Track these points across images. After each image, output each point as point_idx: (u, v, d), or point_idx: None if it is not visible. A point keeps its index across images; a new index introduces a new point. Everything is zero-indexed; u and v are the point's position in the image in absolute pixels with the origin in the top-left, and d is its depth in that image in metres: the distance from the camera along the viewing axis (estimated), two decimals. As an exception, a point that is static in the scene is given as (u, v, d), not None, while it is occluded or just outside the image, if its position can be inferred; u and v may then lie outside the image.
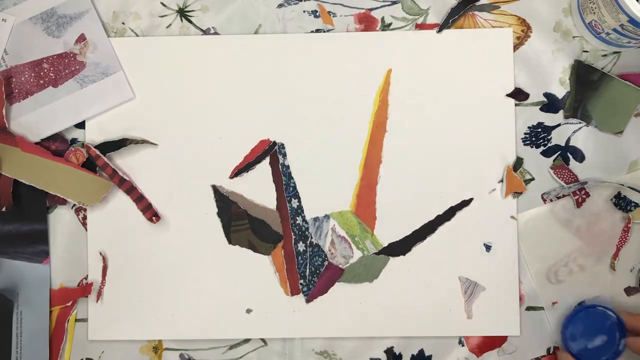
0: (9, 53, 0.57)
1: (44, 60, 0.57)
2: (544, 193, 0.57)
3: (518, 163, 0.57)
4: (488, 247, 0.57)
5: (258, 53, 0.58)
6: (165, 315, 0.57)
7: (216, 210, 0.58)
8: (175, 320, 0.57)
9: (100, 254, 0.58)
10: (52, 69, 0.57)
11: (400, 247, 0.57)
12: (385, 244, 0.57)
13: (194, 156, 0.58)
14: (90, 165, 0.57)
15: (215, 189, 0.58)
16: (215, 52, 0.58)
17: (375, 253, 0.57)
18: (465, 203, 0.57)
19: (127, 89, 0.58)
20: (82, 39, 0.57)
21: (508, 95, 0.57)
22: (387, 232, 0.57)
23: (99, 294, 0.58)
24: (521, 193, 0.57)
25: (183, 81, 0.58)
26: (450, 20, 0.57)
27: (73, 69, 0.57)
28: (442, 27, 0.57)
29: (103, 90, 0.57)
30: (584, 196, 0.57)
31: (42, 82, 0.57)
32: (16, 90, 0.57)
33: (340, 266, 0.57)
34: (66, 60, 0.57)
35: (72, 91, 0.57)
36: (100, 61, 0.57)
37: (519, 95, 0.57)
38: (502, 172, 0.57)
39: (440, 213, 0.57)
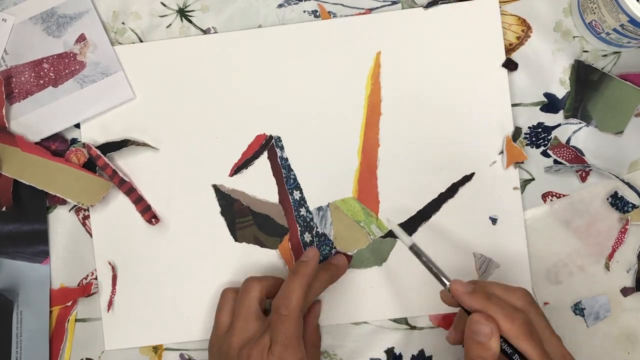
0: (9, 53, 0.57)
1: (44, 60, 0.57)
2: (545, 167, 0.57)
3: (517, 133, 0.57)
4: (494, 220, 0.57)
5: (249, 48, 0.57)
6: (180, 318, 0.57)
7: (219, 209, 0.57)
8: (190, 322, 0.57)
9: (110, 263, 0.57)
10: (52, 69, 0.57)
11: (406, 228, 0.56)
12: None
13: (194, 157, 0.57)
14: (90, 166, 0.57)
15: (216, 188, 0.57)
16: (210, 49, 0.57)
17: (382, 236, 0.57)
18: (467, 178, 0.57)
19: (127, 89, 0.57)
20: (82, 39, 0.57)
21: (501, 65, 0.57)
22: (392, 214, 0.57)
23: (110, 303, 0.57)
24: (522, 162, 0.57)
25: (183, 81, 0.58)
26: (440, 2, 0.57)
27: (73, 69, 0.57)
28: (430, 4, 0.57)
29: (103, 90, 0.57)
30: (587, 170, 0.57)
31: (42, 82, 0.57)
32: (16, 90, 0.57)
33: (348, 253, 0.57)
34: (66, 60, 0.57)
35: (72, 91, 0.57)
36: (100, 61, 0.57)
37: (509, 65, 0.57)
38: (501, 143, 0.57)
39: (443, 190, 0.57)
